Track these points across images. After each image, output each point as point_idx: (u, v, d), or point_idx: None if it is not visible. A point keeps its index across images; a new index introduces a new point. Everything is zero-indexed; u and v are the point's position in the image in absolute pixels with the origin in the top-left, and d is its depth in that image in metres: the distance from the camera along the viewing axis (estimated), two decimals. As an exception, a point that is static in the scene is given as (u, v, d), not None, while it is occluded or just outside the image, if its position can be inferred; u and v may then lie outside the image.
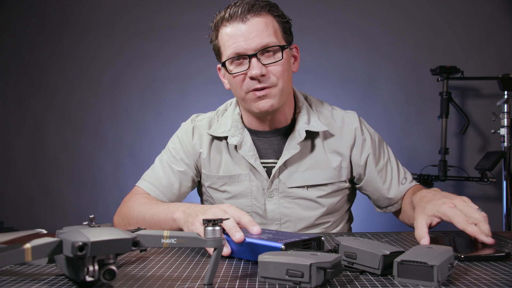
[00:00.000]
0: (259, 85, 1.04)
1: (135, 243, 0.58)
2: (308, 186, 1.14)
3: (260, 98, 1.05)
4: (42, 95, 3.05)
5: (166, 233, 0.60)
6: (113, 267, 0.58)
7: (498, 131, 2.57)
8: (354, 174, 1.20)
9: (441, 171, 2.62)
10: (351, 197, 1.26)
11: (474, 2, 2.88)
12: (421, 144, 2.88)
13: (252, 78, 1.04)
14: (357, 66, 2.94)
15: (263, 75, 1.03)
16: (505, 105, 2.55)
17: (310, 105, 1.20)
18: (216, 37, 1.10)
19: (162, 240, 0.59)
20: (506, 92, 2.55)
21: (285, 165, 1.14)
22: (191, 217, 0.88)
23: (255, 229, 0.78)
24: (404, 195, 1.20)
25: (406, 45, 2.92)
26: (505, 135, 2.54)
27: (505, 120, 2.54)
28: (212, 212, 0.84)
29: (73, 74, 3.05)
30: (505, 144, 2.54)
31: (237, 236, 0.75)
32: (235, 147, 1.14)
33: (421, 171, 2.67)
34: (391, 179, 1.19)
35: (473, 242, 0.86)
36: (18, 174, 3.05)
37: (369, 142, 1.18)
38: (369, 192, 1.22)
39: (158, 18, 3.00)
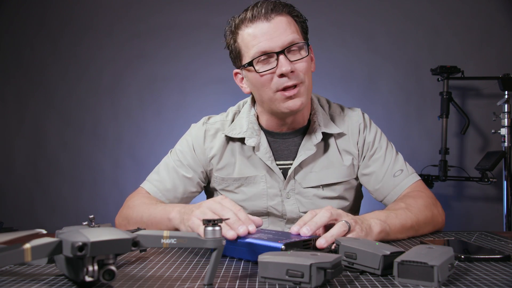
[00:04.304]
0: (289, 83, 1.03)
1: (135, 243, 0.58)
2: (323, 186, 1.15)
3: (289, 98, 1.05)
4: (42, 95, 3.05)
5: (166, 233, 0.60)
6: (113, 267, 0.58)
7: (499, 131, 2.57)
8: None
9: (442, 171, 2.62)
10: (360, 198, 1.27)
11: (474, 2, 2.88)
12: (421, 144, 2.88)
13: (281, 76, 1.03)
14: (357, 66, 2.94)
15: (292, 72, 1.03)
16: (506, 105, 2.55)
17: (323, 107, 1.21)
18: (235, 40, 1.09)
19: (162, 240, 0.59)
20: (506, 92, 2.54)
21: (300, 165, 1.15)
22: (186, 214, 0.89)
23: (251, 228, 0.78)
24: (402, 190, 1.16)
25: (406, 45, 2.92)
26: (506, 135, 2.54)
27: (506, 120, 2.54)
28: (207, 205, 0.84)
29: (73, 74, 3.04)
30: (506, 144, 2.54)
31: (241, 230, 0.76)
32: (253, 148, 1.14)
33: (421, 171, 2.67)
34: (385, 170, 1.16)
35: (472, 244, 0.86)
36: (17, 174, 3.05)
37: (370, 134, 1.20)
38: (364, 183, 1.21)
39: (158, 18, 3.00)
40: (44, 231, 0.73)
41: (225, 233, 0.76)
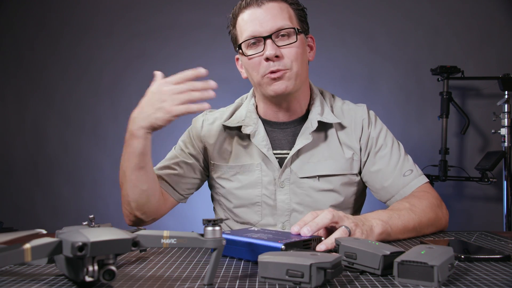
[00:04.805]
0: (274, 68, 1.06)
1: (135, 243, 0.58)
2: (319, 177, 1.13)
3: (274, 80, 1.07)
4: (42, 95, 3.05)
5: (166, 233, 0.60)
6: (113, 267, 0.58)
7: (499, 131, 2.57)
8: (361, 163, 1.18)
9: (442, 171, 2.62)
10: (361, 197, 1.23)
11: (474, 2, 2.88)
12: (421, 144, 2.88)
13: (267, 60, 1.06)
14: (357, 66, 2.93)
15: (277, 57, 1.06)
16: (506, 105, 2.55)
17: (324, 98, 1.21)
18: (234, 25, 1.14)
19: (162, 240, 0.59)
20: (506, 92, 2.54)
21: (298, 155, 1.14)
22: (156, 113, 1.11)
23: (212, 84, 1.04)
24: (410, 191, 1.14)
25: (406, 45, 2.92)
26: (506, 135, 2.54)
27: (506, 120, 2.54)
28: (169, 90, 1.14)
29: (73, 74, 3.04)
30: (506, 144, 2.54)
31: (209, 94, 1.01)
32: (249, 136, 1.16)
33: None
34: (393, 168, 1.15)
35: (472, 244, 0.86)
36: (18, 174, 3.05)
37: (374, 130, 1.18)
38: (369, 180, 1.17)
39: (158, 18, 3.00)
40: (44, 231, 0.73)
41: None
